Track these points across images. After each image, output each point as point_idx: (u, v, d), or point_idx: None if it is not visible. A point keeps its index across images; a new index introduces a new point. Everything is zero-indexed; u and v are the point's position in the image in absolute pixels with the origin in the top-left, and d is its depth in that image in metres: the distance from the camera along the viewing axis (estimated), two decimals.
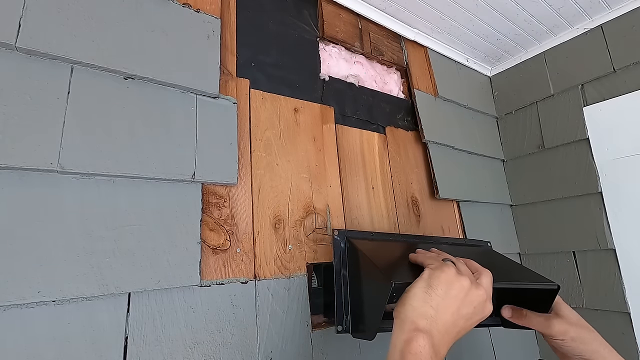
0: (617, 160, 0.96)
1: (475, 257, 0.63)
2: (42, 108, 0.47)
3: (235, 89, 0.67)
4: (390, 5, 0.94)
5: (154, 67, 0.56)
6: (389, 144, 0.92)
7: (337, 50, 0.90)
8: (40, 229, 0.45)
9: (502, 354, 0.96)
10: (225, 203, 0.61)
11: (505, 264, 0.71)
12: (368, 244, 0.63)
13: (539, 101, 1.15)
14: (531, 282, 0.59)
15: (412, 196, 0.92)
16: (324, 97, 0.82)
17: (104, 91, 0.52)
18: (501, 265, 0.70)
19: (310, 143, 0.76)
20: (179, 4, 0.62)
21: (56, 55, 0.48)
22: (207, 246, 0.57)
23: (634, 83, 0.95)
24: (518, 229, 1.18)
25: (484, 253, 0.77)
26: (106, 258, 0.48)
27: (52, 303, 0.44)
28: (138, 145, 0.53)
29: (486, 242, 0.85)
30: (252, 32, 0.74)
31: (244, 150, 0.66)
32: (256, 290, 0.60)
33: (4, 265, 0.42)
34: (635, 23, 0.95)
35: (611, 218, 0.97)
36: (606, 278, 0.97)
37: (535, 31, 1.08)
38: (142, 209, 0.52)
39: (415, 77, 1.03)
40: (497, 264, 0.70)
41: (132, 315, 0.49)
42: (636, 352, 0.90)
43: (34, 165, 0.45)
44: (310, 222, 0.70)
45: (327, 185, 0.75)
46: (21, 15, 0.47)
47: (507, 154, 1.22)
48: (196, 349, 0.52)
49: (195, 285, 0.54)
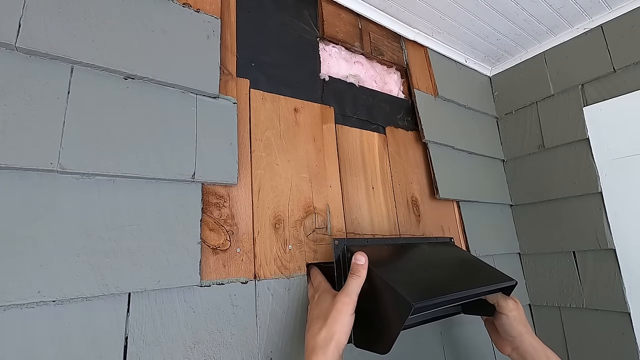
0: (617, 160, 0.96)
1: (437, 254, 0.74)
2: (42, 108, 0.47)
3: (235, 89, 0.67)
4: (391, 5, 0.94)
5: (154, 67, 0.56)
6: (389, 144, 0.92)
7: (337, 50, 0.90)
8: (40, 229, 0.45)
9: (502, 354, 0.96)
10: (225, 203, 0.61)
11: (466, 260, 0.77)
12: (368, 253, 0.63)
13: (539, 101, 1.15)
14: (492, 284, 0.68)
15: (412, 196, 0.92)
16: (324, 97, 0.82)
17: (104, 91, 0.52)
18: (462, 262, 0.76)
19: (310, 143, 0.76)
20: (179, 4, 0.62)
21: (56, 55, 0.48)
22: (207, 246, 0.57)
23: (634, 83, 0.95)
24: (518, 229, 1.18)
25: (447, 250, 0.81)
26: (106, 258, 0.48)
27: (52, 303, 0.44)
28: (138, 145, 0.53)
29: (449, 238, 0.88)
30: (252, 32, 0.74)
31: (244, 150, 0.66)
32: (256, 290, 0.60)
33: (4, 265, 0.42)
34: (635, 23, 0.95)
35: (611, 218, 0.97)
36: (606, 278, 0.97)
37: (535, 31, 1.08)
38: (142, 209, 0.52)
39: (415, 77, 1.03)
40: (458, 261, 0.77)
41: (132, 315, 0.49)
42: (636, 352, 0.90)
43: (34, 165, 0.45)
44: (310, 222, 0.70)
45: (327, 185, 0.75)
46: (21, 15, 0.47)
47: (507, 154, 1.22)
48: (196, 349, 0.52)
49: (195, 285, 0.54)
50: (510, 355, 0.69)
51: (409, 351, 0.77)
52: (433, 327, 0.84)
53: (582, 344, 1.01)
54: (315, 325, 0.52)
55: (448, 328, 0.87)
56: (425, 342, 0.81)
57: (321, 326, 0.51)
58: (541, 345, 0.65)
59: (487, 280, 0.68)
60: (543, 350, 0.65)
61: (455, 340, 0.87)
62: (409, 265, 0.68)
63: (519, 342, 0.66)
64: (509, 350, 0.69)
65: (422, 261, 0.72)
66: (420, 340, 0.80)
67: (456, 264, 0.75)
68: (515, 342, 0.67)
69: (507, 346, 0.69)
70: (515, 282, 0.70)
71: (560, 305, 1.06)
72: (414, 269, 0.67)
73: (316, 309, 0.56)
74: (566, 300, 1.05)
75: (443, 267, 0.72)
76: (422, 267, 0.69)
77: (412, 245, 0.77)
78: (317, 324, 0.52)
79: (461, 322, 0.89)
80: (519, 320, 0.67)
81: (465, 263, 0.76)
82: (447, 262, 0.75)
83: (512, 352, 0.68)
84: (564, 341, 1.05)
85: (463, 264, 0.76)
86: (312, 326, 0.53)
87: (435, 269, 0.70)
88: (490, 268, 0.76)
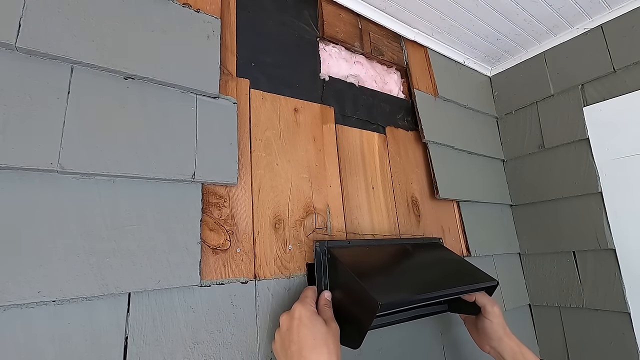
0: (617, 160, 0.96)
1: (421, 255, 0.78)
2: (42, 108, 0.47)
3: (235, 89, 0.67)
4: (390, 5, 0.94)
5: (154, 67, 0.56)
6: (389, 144, 0.92)
7: (337, 50, 0.90)
8: (40, 229, 0.45)
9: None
10: (225, 203, 0.61)
11: (453, 261, 0.80)
12: (347, 254, 0.65)
13: (539, 101, 1.15)
14: (472, 284, 0.71)
15: (412, 196, 0.92)
16: (324, 97, 0.82)
17: (104, 91, 0.52)
18: (445, 262, 0.79)
19: (310, 143, 0.76)
20: (179, 4, 0.62)
21: (56, 55, 0.48)
22: (207, 246, 0.57)
23: (634, 83, 0.95)
24: (518, 229, 1.18)
25: (432, 251, 0.83)
26: (106, 258, 0.48)
27: (52, 303, 0.44)
28: (138, 145, 0.53)
29: (438, 239, 0.89)
30: (252, 32, 0.74)
31: (244, 150, 0.66)
32: (256, 290, 0.60)
33: (4, 265, 0.42)
34: (635, 23, 0.95)
35: (611, 218, 0.97)
36: (606, 278, 0.97)
37: (535, 31, 1.08)
38: (142, 209, 0.52)
39: (415, 77, 1.03)
40: (440, 261, 0.79)
41: (132, 315, 0.49)
42: (636, 352, 0.90)
43: (34, 165, 0.45)
44: (310, 222, 0.70)
45: (327, 185, 0.75)
46: (21, 15, 0.47)
47: (507, 154, 1.22)
48: (196, 349, 0.52)
49: (195, 285, 0.54)
50: (490, 353, 0.74)
51: (409, 351, 0.77)
52: (433, 327, 0.84)
53: (582, 344, 1.01)
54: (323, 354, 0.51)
55: (448, 328, 0.87)
56: (425, 342, 0.81)
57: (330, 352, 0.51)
58: (518, 346, 0.70)
59: (468, 280, 0.71)
60: (520, 350, 0.70)
61: (455, 340, 0.87)
62: (389, 266, 0.70)
63: (497, 344, 0.72)
64: (487, 348, 0.74)
65: (404, 261, 0.74)
66: (421, 340, 0.80)
67: (438, 264, 0.77)
68: (494, 343, 0.72)
69: (486, 345, 0.74)
70: (496, 282, 0.73)
71: (560, 305, 1.06)
72: (393, 269, 0.69)
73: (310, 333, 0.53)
74: (566, 300, 1.05)
75: (423, 267, 0.74)
76: (401, 267, 0.71)
77: (396, 246, 0.78)
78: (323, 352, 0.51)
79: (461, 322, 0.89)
80: (501, 326, 0.72)
81: (448, 263, 0.78)
82: (429, 262, 0.77)
83: (490, 350, 0.74)
84: (564, 341, 1.05)
85: (445, 264, 0.78)
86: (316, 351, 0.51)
87: (415, 269, 0.72)
88: (474, 268, 0.77)
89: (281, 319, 0.56)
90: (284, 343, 0.53)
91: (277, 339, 0.55)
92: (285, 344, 0.53)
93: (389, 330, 0.74)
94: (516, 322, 1.06)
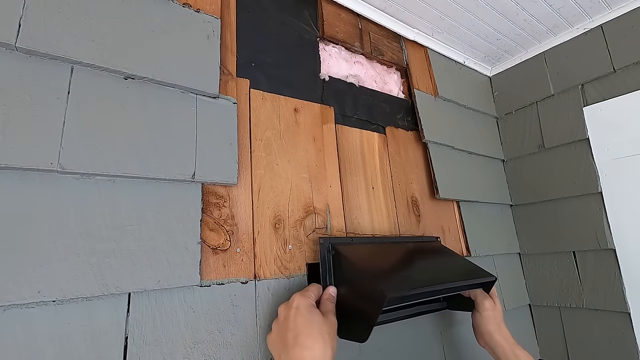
0: (617, 160, 0.96)
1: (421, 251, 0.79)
2: (42, 108, 0.47)
3: (235, 89, 0.67)
4: (390, 5, 0.94)
5: (154, 67, 0.56)
6: (389, 144, 0.92)
7: (337, 50, 0.90)
8: (40, 229, 0.45)
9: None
10: (225, 203, 0.61)
11: (452, 258, 0.81)
12: (351, 250, 0.66)
13: (539, 101, 1.15)
14: (471, 279, 0.72)
15: (412, 196, 0.92)
16: (324, 97, 0.82)
17: (104, 91, 0.52)
18: (444, 259, 0.80)
19: (310, 143, 0.76)
20: (179, 4, 0.62)
21: (56, 55, 0.48)
22: (207, 246, 0.57)
23: (634, 83, 0.95)
24: (518, 229, 1.18)
25: (431, 248, 0.84)
26: (106, 258, 0.48)
27: (52, 303, 0.44)
28: (138, 145, 0.53)
29: (436, 238, 0.90)
30: (252, 32, 0.74)
31: (244, 150, 0.66)
32: (256, 290, 0.60)
33: (4, 265, 0.42)
34: (635, 23, 0.95)
35: (611, 218, 0.97)
36: (606, 278, 0.97)
37: (535, 31, 1.08)
38: (142, 208, 0.52)
39: (415, 77, 1.03)
40: (440, 258, 0.80)
41: (132, 315, 0.49)
42: (636, 352, 0.90)
43: (34, 165, 0.45)
44: (310, 222, 0.70)
45: (327, 185, 0.75)
46: (21, 15, 0.47)
47: (507, 154, 1.22)
48: (196, 349, 0.52)
49: (195, 285, 0.54)
50: (485, 348, 0.75)
51: (409, 350, 0.77)
52: (433, 326, 0.84)
53: (582, 344, 1.01)
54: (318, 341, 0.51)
55: (448, 328, 0.87)
56: (425, 341, 0.81)
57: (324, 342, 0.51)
58: (510, 345, 0.71)
59: (467, 276, 0.72)
60: (511, 349, 0.70)
61: (455, 339, 0.87)
62: (391, 262, 0.71)
63: (488, 339, 0.73)
64: (482, 343, 0.75)
65: (405, 258, 0.75)
66: (421, 340, 0.80)
67: (438, 260, 0.79)
68: (485, 338, 0.73)
69: (480, 339, 0.75)
70: (494, 278, 0.73)
71: (560, 305, 1.06)
72: (396, 265, 0.70)
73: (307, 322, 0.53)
74: (566, 300, 1.05)
75: (424, 263, 0.75)
76: (403, 264, 0.72)
77: (396, 243, 0.80)
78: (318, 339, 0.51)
79: (461, 322, 0.89)
80: (491, 320, 0.72)
81: (447, 260, 0.80)
82: (429, 259, 0.78)
83: (485, 345, 0.75)
84: (564, 341, 1.05)
85: (444, 260, 0.79)
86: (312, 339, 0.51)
87: (416, 265, 0.73)
88: (472, 265, 0.79)
89: (279, 309, 0.57)
90: (281, 331, 0.53)
91: (274, 328, 0.55)
92: (282, 332, 0.53)
93: (389, 329, 0.74)
94: (516, 322, 1.06)
